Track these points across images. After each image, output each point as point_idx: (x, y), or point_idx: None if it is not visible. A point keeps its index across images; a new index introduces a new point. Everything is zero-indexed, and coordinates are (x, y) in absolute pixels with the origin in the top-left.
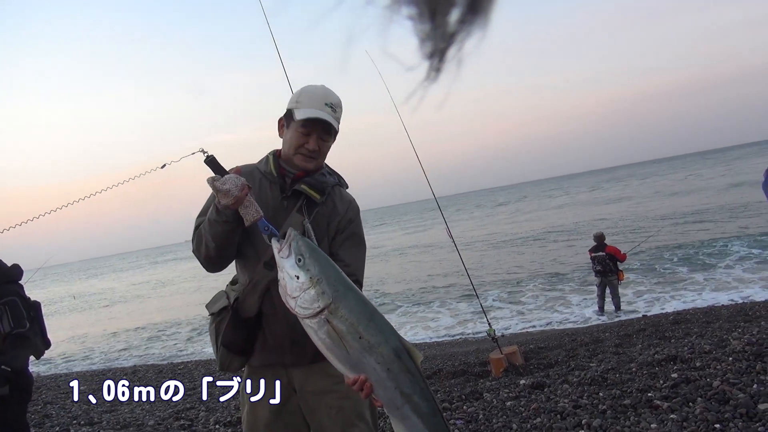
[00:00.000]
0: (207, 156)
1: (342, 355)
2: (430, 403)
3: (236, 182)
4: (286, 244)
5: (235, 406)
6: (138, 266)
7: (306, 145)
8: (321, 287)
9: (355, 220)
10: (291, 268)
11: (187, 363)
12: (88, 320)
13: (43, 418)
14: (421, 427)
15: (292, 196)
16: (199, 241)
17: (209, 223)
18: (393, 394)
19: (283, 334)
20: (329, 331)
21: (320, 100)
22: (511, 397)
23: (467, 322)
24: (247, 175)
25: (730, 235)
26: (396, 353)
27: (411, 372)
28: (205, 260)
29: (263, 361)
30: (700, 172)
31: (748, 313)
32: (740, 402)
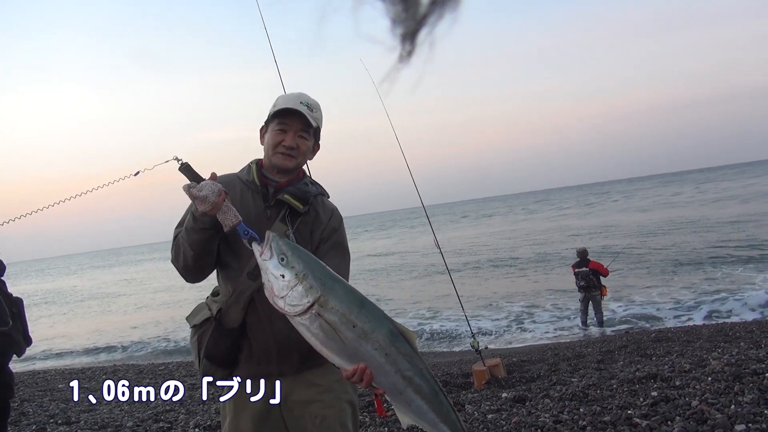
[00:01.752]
0: (181, 163)
1: (338, 347)
2: (430, 384)
3: (213, 188)
4: (267, 246)
5: (215, 410)
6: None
7: (283, 143)
8: (308, 282)
9: (338, 229)
10: (275, 269)
11: (168, 364)
12: (67, 317)
13: (19, 415)
14: (426, 408)
15: (274, 206)
16: (177, 250)
17: (186, 232)
18: (394, 379)
19: (268, 344)
20: (322, 325)
21: (296, 98)
22: (492, 409)
23: (451, 332)
24: (227, 184)
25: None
26: (391, 337)
27: (409, 354)
28: (183, 270)
29: (249, 372)
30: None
31: (728, 333)
32: (718, 422)
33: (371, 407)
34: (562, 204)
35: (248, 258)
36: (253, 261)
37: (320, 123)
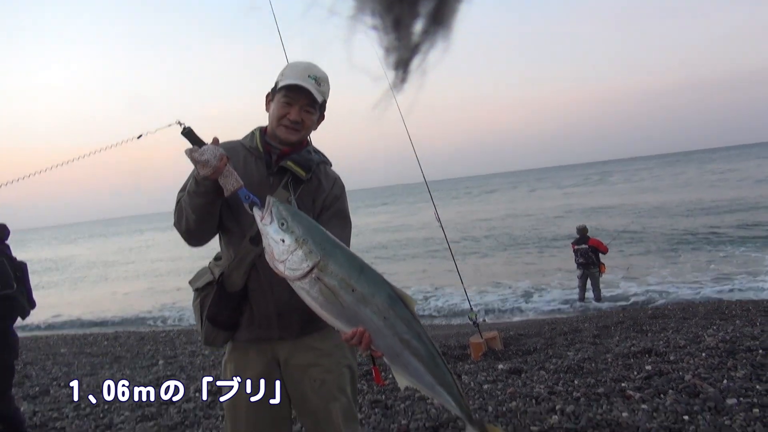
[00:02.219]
0: (184, 128)
1: (337, 311)
2: (428, 347)
3: (214, 152)
4: (267, 211)
5: (215, 376)
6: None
7: (288, 116)
8: (308, 247)
9: (340, 197)
10: (275, 233)
11: (169, 332)
12: (70, 283)
13: (23, 378)
14: (423, 371)
15: (277, 173)
16: (180, 214)
17: (189, 196)
18: (392, 342)
19: (269, 309)
20: (321, 289)
21: (304, 72)
22: (488, 380)
23: (450, 306)
24: (230, 150)
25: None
26: (390, 301)
27: (407, 318)
28: (186, 233)
29: (250, 336)
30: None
31: (724, 311)
32: (710, 396)
33: (369, 376)
34: (563, 182)
35: (250, 223)
36: (256, 226)
37: (327, 96)
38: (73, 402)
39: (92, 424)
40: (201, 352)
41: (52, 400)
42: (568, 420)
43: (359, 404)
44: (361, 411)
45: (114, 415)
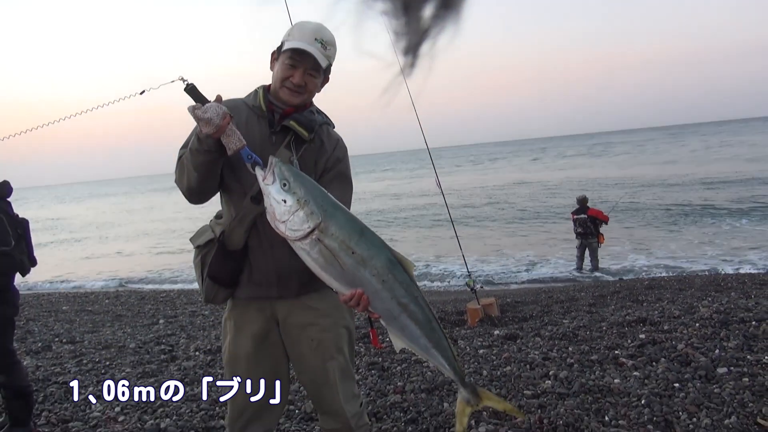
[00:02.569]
0: (187, 84)
1: (337, 273)
2: (425, 311)
3: (218, 111)
4: (270, 171)
5: (215, 336)
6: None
7: (291, 78)
8: (309, 208)
9: (343, 160)
10: (277, 194)
11: (170, 291)
12: (73, 243)
13: (25, 333)
14: (419, 334)
15: (280, 132)
16: (181, 171)
17: (191, 153)
18: (390, 305)
19: (269, 268)
20: (322, 250)
21: (311, 34)
22: (484, 345)
23: (448, 273)
24: (233, 108)
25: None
26: (390, 265)
27: (405, 282)
28: (187, 191)
29: (249, 294)
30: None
31: (720, 283)
32: (701, 365)
33: (367, 338)
34: (566, 152)
35: (251, 182)
36: (257, 185)
37: (333, 59)
38: (75, 357)
39: (94, 379)
40: (201, 312)
41: (54, 356)
42: (561, 385)
43: (356, 366)
44: (358, 372)
45: (115, 371)
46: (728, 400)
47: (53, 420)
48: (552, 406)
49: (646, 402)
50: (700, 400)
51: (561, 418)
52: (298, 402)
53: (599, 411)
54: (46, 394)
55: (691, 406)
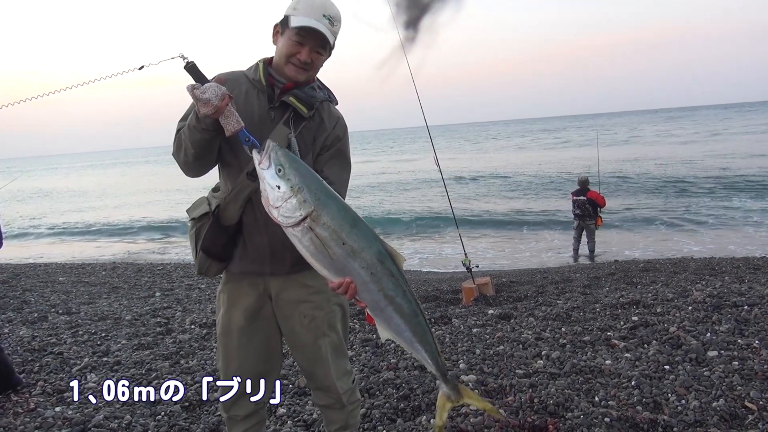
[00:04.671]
0: (187, 62)
1: (326, 262)
2: (411, 305)
3: (217, 91)
4: (266, 155)
5: (210, 309)
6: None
7: (298, 55)
8: (302, 196)
9: (342, 138)
10: (272, 179)
11: (166, 264)
12: (69, 212)
13: (21, 303)
14: (404, 327)
15: (279, 107)
16: (179, 145)
17: (189, 130)
18: (377, 297)
19: (263, 244)
20: (312, 239)
21: (319, 10)
22: (478, 324)
23: (444, 250)
24: (233, 81)
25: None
26: (379, 257)
27: (394, 275)
28: (183, 165)
29: (242, 269)
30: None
31: (714, 267)
32: (692, 348)
33: (361, 315)
34: (569, 133)
35: (248, 158)
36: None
37: (338, 33)
38: (71, 328)
39: (89, 350)
40: (197, 285)
41: (50, 326)
42: (553, 365)
43: (350, 342)
44: (352, 349)
45: (111, 343)
46: (717, 383)
47: (48, 390)
48: (543, 386)
49: (636, 383)
50: (689, 383)
51: (551, 398)
52: (291, 377)
53: (589, 391)
54: (42, 364)
55: (681, 388)
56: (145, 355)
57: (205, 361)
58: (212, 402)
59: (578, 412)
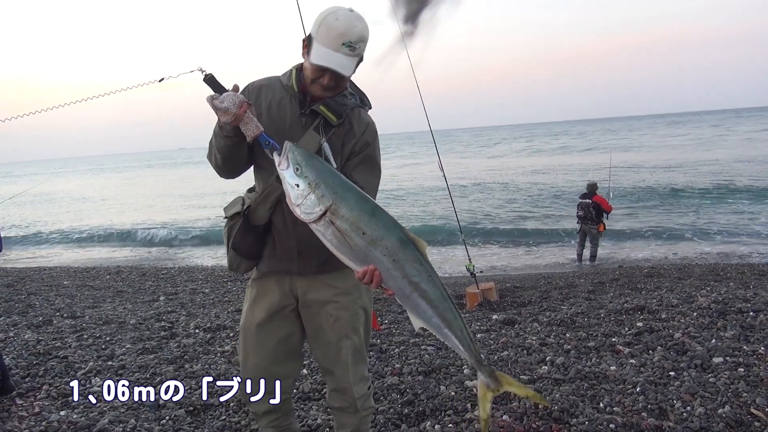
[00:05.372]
0: (205, 75)
1: (349, 252)
2: (437, 290)
3: (234, 100)
4: (284, 156)
5: (215, 314)
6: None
7: (321, 80)
8: (320, 191)
9: (372, 144)
10: (290, 178)
11: (170, 269)
12: (72, 213)
13: (26, 307)
14: (431, 313)
15: (310, 114)
16: (210, 152)
17: (215, 137)
18: (401, 284)
19: (290, 245)
20: (335, 232)
21: (338, 38)
22: (482, 329)
23: (448, 255)
24: (268, 87)
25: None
26: (401, 244)
27: (417, 261)
28: (216, 168)
29: (270, 267)
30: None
31: (719, 273)
32: (697, 354)
33: None
34: (572, 137)
35: None
36: None
37: (365, 49)
38: (76, 332)
39: (94, 354)
40: (201, 290)
41: (55, 330)
42: (557, 371)
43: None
44: None
45: (116, 347)
46: (723, 390)
47: (53, 394)
48: (548, 392)
49: (641, 389)
50: (694, 389)
51: (556, 404)
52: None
53: (594, 397)
54: (47, 368)
55: (686, 395)
56: (149, 359)
57: (210, 366)
58: (216, 406)
59: (583, 418)
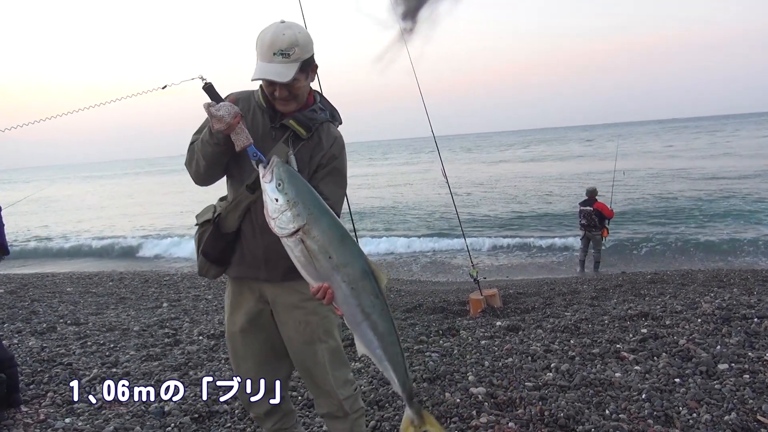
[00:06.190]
0: (205, 83)
1: (312, 272)
2: (387, 324)
3: (230, 110)
4: (269, 170)
5: (218, 321)
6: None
7: (275, 93)
8: (297, 209)
9: (338, 157)
10: (272, 192)
11: (173, 275)
12: (79, 220)
13: (30, 314)
14: (376, 344)
15: (280, 128)
16: (191, 157)
17: (202, 143)
18: (354, 311)
19: (258, 252)
20: (303, 250)
21: (269, 49)
22: (486, 336)
23: (452, 261)
24: (244, 100)
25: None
26: (363, 274)
27: (374, 293)
28: (195, 175)
29: (239, 273)
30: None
31: (723, 279)
32: (702, 360)
33: None
34: (573, 144)
35: (250, 171)
36: (253, 175)
37: (306, 53)
38: (80, 339)
39: (98, 361)
40: (204, 296)
41: (59, 337)
42: (562, 377)
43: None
44: (360, 361)
45: (120, 354)
46: (728, 397)
47: (58, 401)
48: (553, 399)
49: (647, 396)
50: (700, 396)
51: (562, 411)
52: (300, 389)
53: (600, 404)
54: (51, 375)
55: (692, 402)
56: (153, 366)
57: (214, 373)
58: (221, 413)
59: (589, 425)
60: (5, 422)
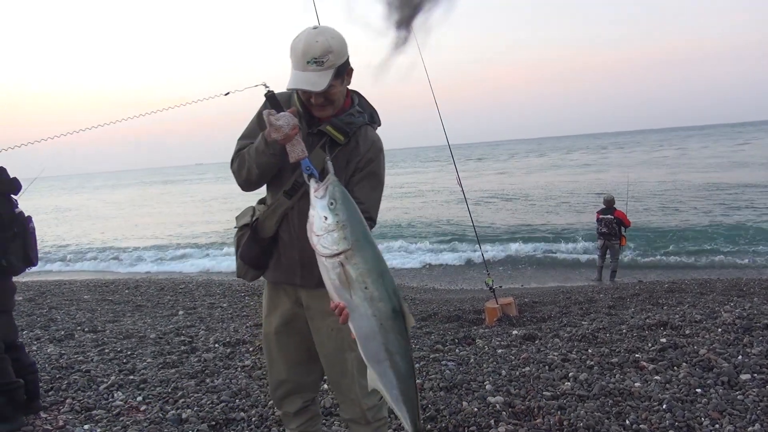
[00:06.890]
0: (268, 91)
1: (345, 298)
2: (408, 366)
3: (289, 121)
4: (323, 186)
5: (234, 328)
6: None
7: (311, 100)
8: (344, 233)
9: (375, 160)
10: (322, 209)
11: (188, 283)
12: (97, 230)
13: (48, 321)
14: (395, 384)
15: (317, 133)
16: (242, 164)
17: (256, 152)
18: (379, 349)
19: (294, 258)
20: (340, 275)
21: (303, 57)
22: (502, 345)
23: (465, 270)
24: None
25: None
26: (393, 314)
27: (401, 333)
28: (244, 182)
29: (275, 278)
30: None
31: (742, 288)
32: (724, 371)
33: None
34: (582, 153)
35: (288, 178)
36: (292, 181)
37: (340, 58)
38: (97, 346)
39: (116, 368)
40: (219, 304)
41: (77, 344)
42: (581, 387)
43: None
44: None
45: (137, 361)
46: (752, 407)
47: (77, 408)
48: (572, 408)
49: (668, 407)
50: (722, 407)
51: (581, 421)
52: (317, 396)
53: (620, 414)
54: (70, 381)
55: (714, 412)
56: (170, 373)
57: (230, 380)
58: (238, 421)
59: None
60: (25, 428)
